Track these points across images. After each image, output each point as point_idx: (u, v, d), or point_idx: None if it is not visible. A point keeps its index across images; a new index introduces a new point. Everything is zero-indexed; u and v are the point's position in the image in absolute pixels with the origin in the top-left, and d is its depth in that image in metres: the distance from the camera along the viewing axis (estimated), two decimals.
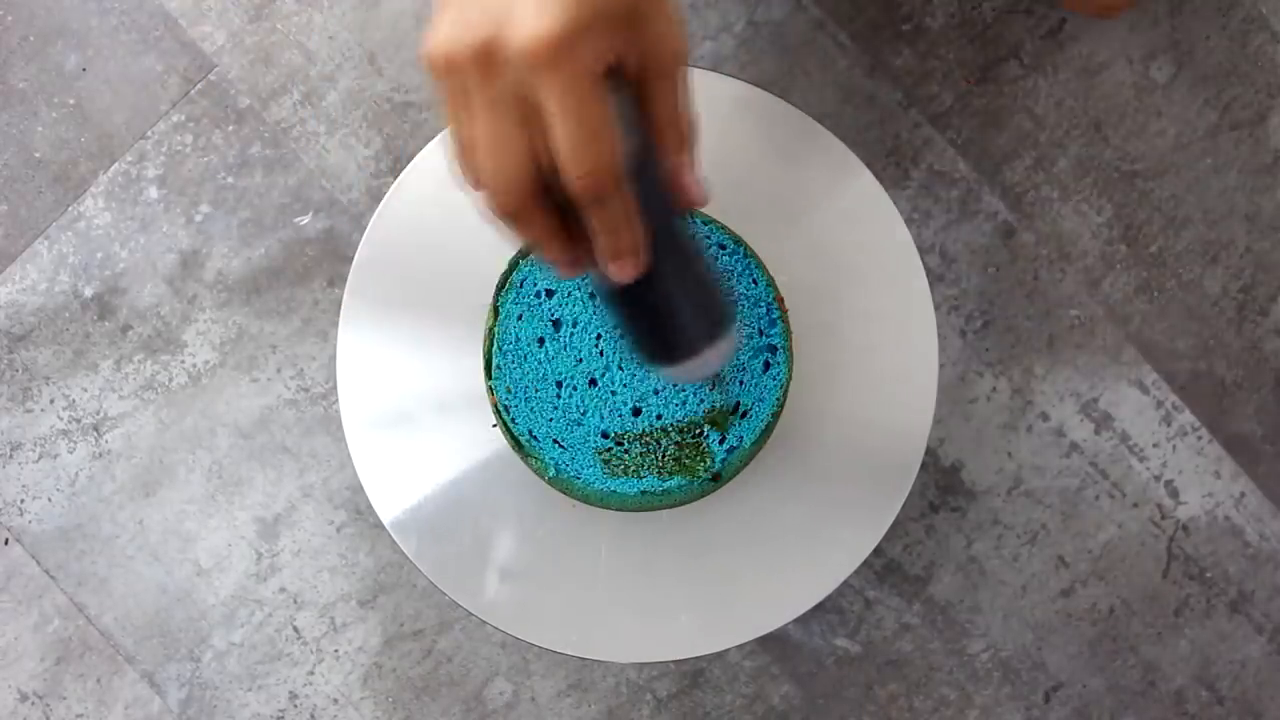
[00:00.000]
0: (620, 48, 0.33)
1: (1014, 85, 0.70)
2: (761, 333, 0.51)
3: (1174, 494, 0.71)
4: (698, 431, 0.51)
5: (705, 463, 0.51)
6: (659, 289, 0.37)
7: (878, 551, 0.70)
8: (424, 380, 0.53)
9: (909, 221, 0.70)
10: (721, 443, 0.51)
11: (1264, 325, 0.71)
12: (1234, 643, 0.71)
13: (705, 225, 0.50)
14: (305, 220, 0.71)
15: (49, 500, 0.71)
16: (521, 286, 0.50)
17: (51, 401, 0.71)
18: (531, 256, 0.50)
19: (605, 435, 0.51)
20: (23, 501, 0.71)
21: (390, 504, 0.52)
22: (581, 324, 0.50)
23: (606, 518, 0.52)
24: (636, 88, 0.35)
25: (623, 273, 0.36)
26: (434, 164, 0.52)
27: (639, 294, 0.37)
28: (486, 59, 0.31)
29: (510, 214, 0.34)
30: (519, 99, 0.32)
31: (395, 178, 0.51)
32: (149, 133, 0.71)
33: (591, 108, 0.31)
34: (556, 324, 0.51)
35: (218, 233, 0.71)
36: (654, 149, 0.36)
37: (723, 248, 0.50)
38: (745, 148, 0.52)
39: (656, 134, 0.36)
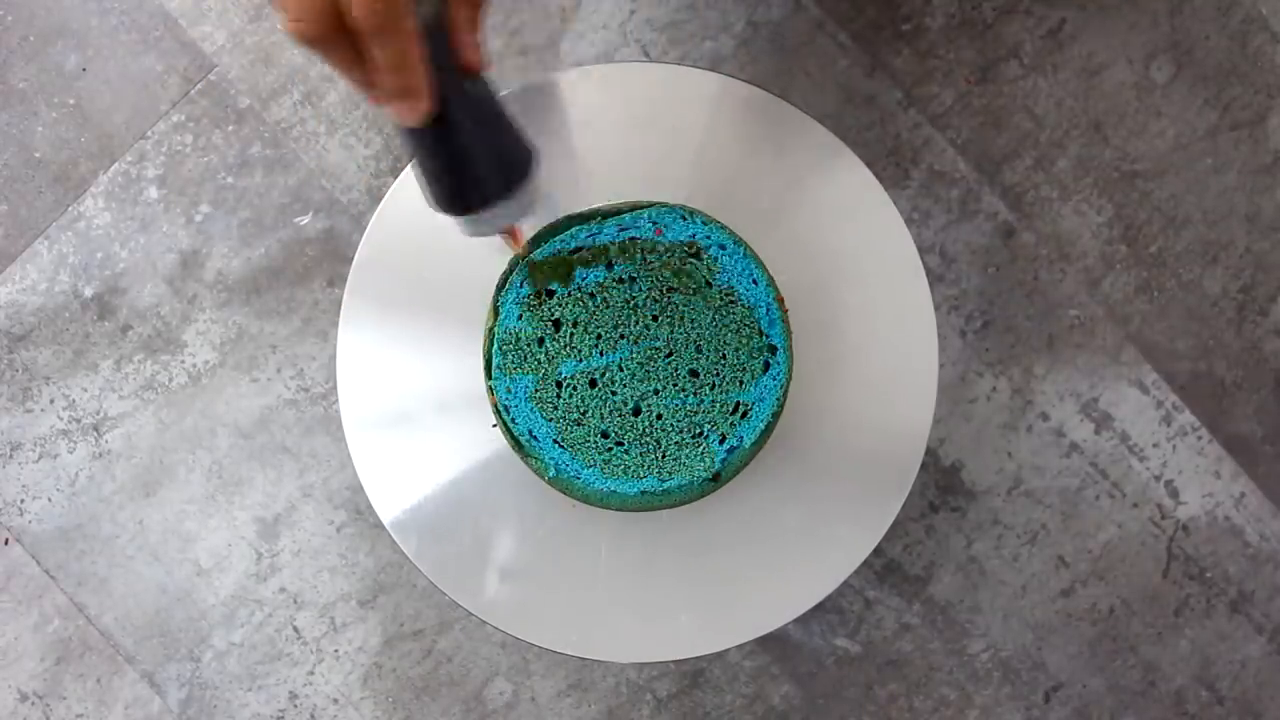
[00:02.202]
0: None
1: (1014, 85, 0.70)
2: (761, 333, 0.51)
3: (1174, 494, 0.71)
4: (698, 431, 0.51)
5: (705, 463, 0.51)
6: (452, 140, 0.37)
7: (878, 551, 0.70)
8: (424, 380, 0.53)
9: (909, 221, 0.70)
10: (721, 443, 0.51)
11: (1264, 325, 0.71)
12: (1234, 643, 0.71)
13: (705, 225, 0.50)
14: (305, 220, 0.71)
15: (49, 500, 0.71)
16: (521, 286, 0.50)
17: (51, 401, 0.71)
18: (532, 256, 0.50)
19: (605, 435, 0.51)
20: (23, 501, 0.71)
21: (390, 504, 0.52)
22: (581, 324, 0.50)
23: (606, 518, 0.52)
24: None
25: (405, 115, 0.36)
26: None
27: (433, 143, 0.38)
28: None
29: (309, 40, 0.34)
30: None
31: (395, 178, 0.51)
32: (149, 133, 0.71)
33: None
34: (556, 324, 0.51)
35: (218, 233, 0.71)
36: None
37: (723, 248, 0.50)
38: (745, 148, 0.52)
39: None
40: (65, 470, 0.71)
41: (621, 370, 0.51)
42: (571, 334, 0.50)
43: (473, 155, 0.39)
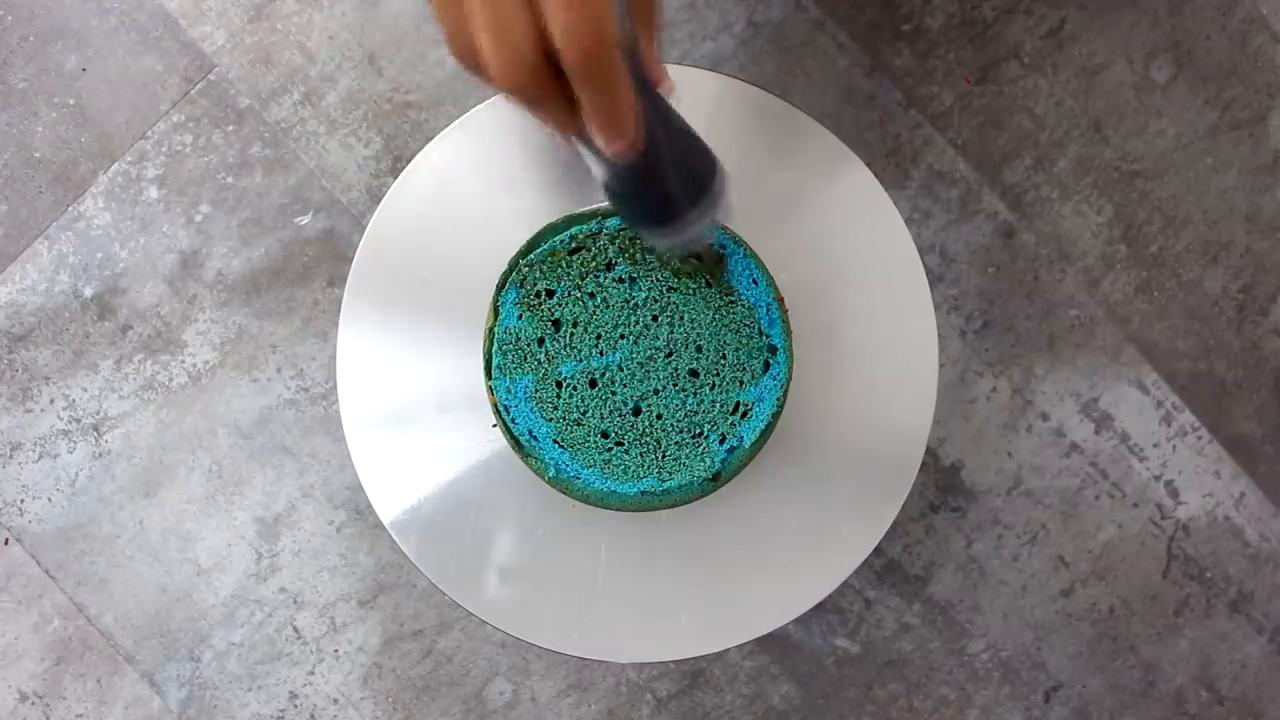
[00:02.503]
0: None
1: (1014, 85, 0.70)
2: (761, 333, 0.51)
3: (1174, 494, 0.71)
4: (698, 431, 0.51)
5: (705, 463, 0.51)
6: (652, 162, 0.38)
7: (878, 551, 0.70)
8: (424, 380, 0.53)
9: (909, 221, 0.70)
10: (721, 443, 0.51)
11: (1264, 325, 0.71)
12: (1234, 643, 0.71)
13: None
14: (305, 220, 0.71)
15: (49, 500, 0.71)
16: (521, 286, 0.50)
17: (51, 401, 0.71)
18: (531, 256, 0.51)
19: (605, 435, 0.51)
20: (23, 501, 0.71)
21: (390, 504, 0.52)
22: (581, 324, 0.50)
23: (606, 518, 0.52)
24: None
25: (618, 149, 0.36)
26: (434, 164, 0.52)
27: (636, 168, 0.38)
28: None
29: (517, 90, 0.33)
30: None
31: (395, 178, 0.51)
32: (149, 133, 0.71)
33: None
34: (556, 324, 0.51)
35: (218, 233, 0.71)
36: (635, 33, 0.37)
37: (723, 248, 0.50)
38: (745, 148, 0.52)
39: (639, 19, 0.36)
40: (65, 470, 0.71)
41: (621, 370, 0.51)
42: (571, 334, 0.50)
43: (670, 173, 0.40)
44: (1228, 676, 0.71)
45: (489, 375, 0.51)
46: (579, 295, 0.51)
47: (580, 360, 0.51)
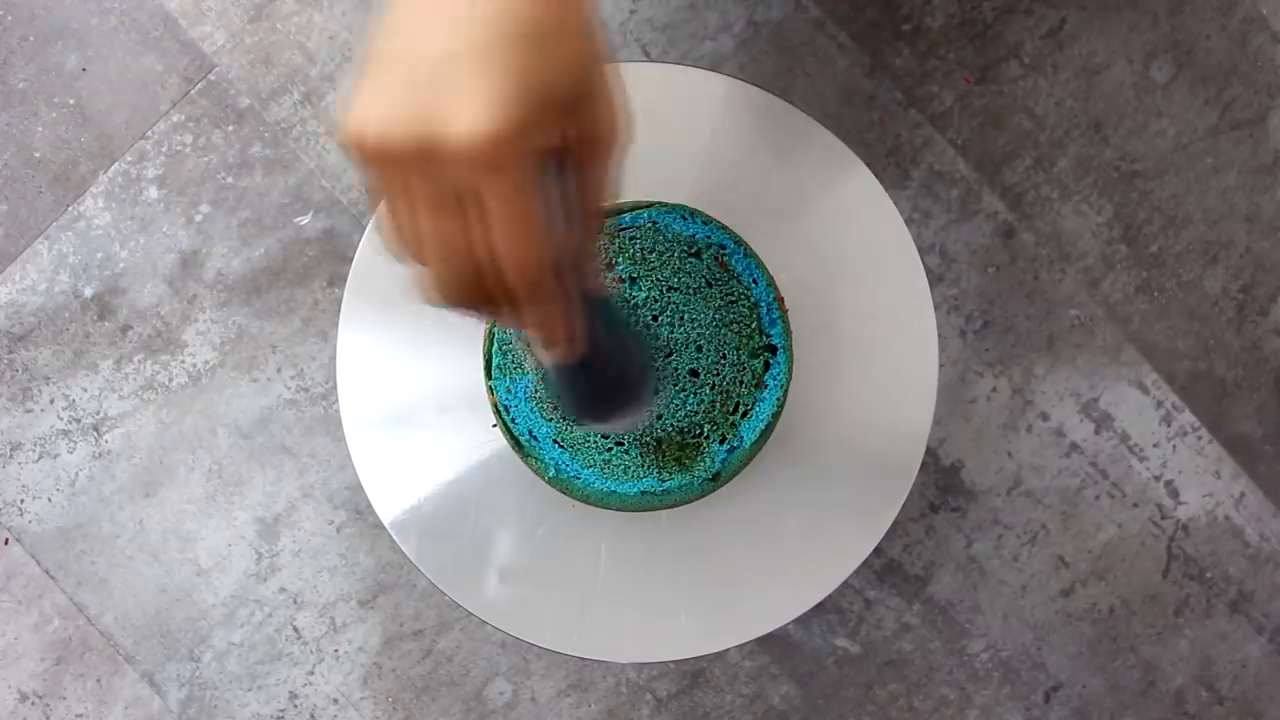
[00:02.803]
0: (559, 134, 0.32)
1: (1014, 85, 0.70)
2: (762, 333, 0.51)
3: (1174, 494, 0.71)
4: (698, 431, 0.51)
5: (705, 463, 0.51)
6: (590, 365, 0.39)
7: (878, 551, 0.70)
8: (424, 380, 0.53)
9: (909, 221, 0.70)
10: (722, 443, 0.51)
11: (1264, 325, 0.71)
12: (1234, 643, 0.71)
13: (706, 225, 0.50)
14: (305, 220, 0.71)
15: (49, 500, 0.71)
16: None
17: (51, 401, 0.71)
18: None
19: (605, 435, 0.51)
20: (23, 501, 0.71)
21: (390, 504, 0.52)
22: None
23: (606, 518, 0.52)
24: (571, 167, 0.34)
25: (559, 358, 0.37)
26: None
27: (574, 370, 0.39)
28: (424, 155, 0.29)
29: (458, 302, 0.34)
30: (458, 193, 0.30)
31: None
32: (149, 133, 0.71)
33: (527, 203, 0.30)
34: None
35: (218, 233, 0.71)
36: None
37: (723, 248, 0.50)
38: (745, 148, 0.52)
39: (581, 213, 0.36)
40: (65, 470, 0.71)
41: None
42: None
43: (608, 374, 0.41)
44: (1228, 676, 0.71)
45: (489, 375, 0.51)
46: None
47: None
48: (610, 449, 0.51)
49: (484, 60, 0.29)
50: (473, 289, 0.33)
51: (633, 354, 0.42)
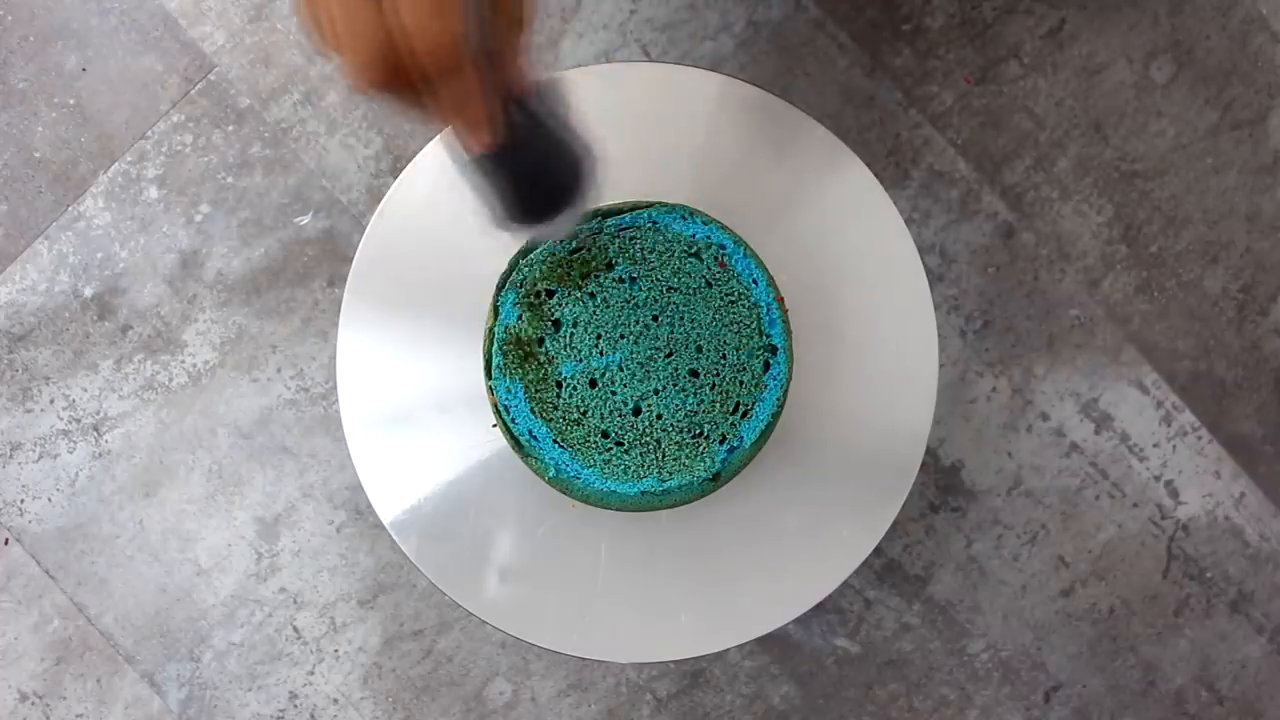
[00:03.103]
0: None
1: (1014, 85, 0.70)
2: (762, 333, 0.51)
3: (1174, 494, 0.71)
4: (698, 431, 0.51)
5: (705, 463, 0.51)
6: (514, 160, 0.38)
7: (878, 551, 0.70)
8: (424, 380, 0.53)
9: (909, 221, 0.70)
10: (721, 443, 0.51)
11: (1264, 325, 0.71)
12: (1234, 643, 0.71)
13: (706, 225, 0.50)
14: (305, 220, 0.71)
15: (49, 500, 0.71)
16: (521, 286, 0.50)
17: (51, 401, 0.71)
18: (531, 256, 0.51)
19: (605, 435, 0.51)
20: (23, 501, 0.71)
21: (390, 504, 0.52)
22: (581, 324, 0.50)
23: (606, 518, 0.52)
24: None
25: (474, 145, 0.36)
26: (434, 164, 0.52)
27: (496, 165, 0.38)
28: None
29: (372, 85, 0.33)
30: None
31: (395, 178, 0.51)
32: (149, 133, 0.71)
33: None
34: (556, 324, 0.51)
35: (218, 233, 0.71)
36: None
37: (723, 248, 0.50)
38: (745, 148, 0.52)
39: (501, 16, 0.35)
40: (65, 470, 0.71)
41: (621, 370, 0.51)
42: (571, 334, 0.50)
43: (535, 171, 0.40)
44: (1228, 676, 0.71)
45: (489, 375, 0.51)
46: (579, 295, 0.51)
47: (580, 360, 0.51)
48: (610, 449, 0.51)
49: None
50: (385, 70, 0.33)
51: (563, 149, 0.41)
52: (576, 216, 0.43)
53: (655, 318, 0.51)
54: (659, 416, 0.51)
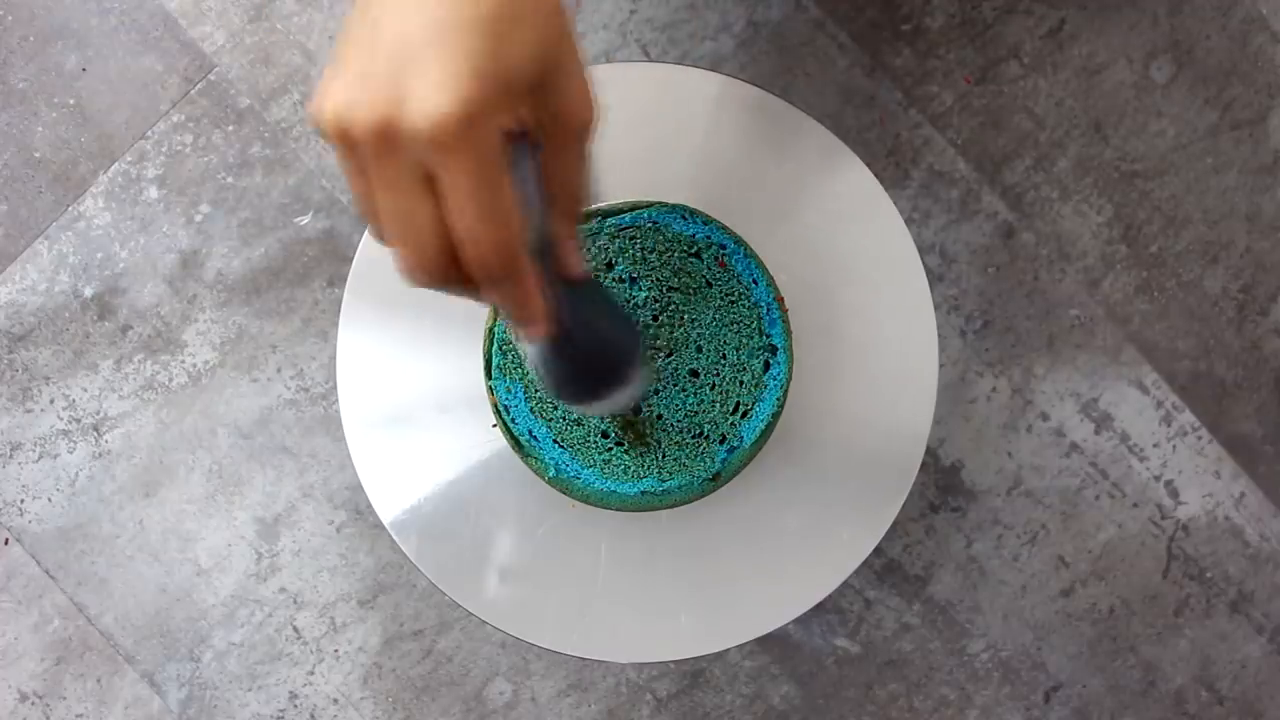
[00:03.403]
0: (525, 115, 0.32)
1: (1014, 85, 0.70)
2: (762, 333, 0.51)
3: (1174, 494, 0.71)
4: (698, 431, 0.51)
5: (705, 463, 0.51)
6: (569, 345, 0.39)
7: (878, 551, 0.70)
8: (424, 380, 0.53)
9: (909, 221, 0.70)
10: (721, 443, 0.51)
11: (1264, 325, 0.71)
12: (1234, 643, 0.71)
13: (706, 225, 0.50)
14: (305, 220, 0.71)
15: (49, 500, 0.71)
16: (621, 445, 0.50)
17: (51, 401, 0.71)
18: None
19: (605, 435, 0.51)
20: (23, 501, 0.71)
21: (390, 504, 0.52)
22: None
23: (606, 518, 0.52)
24: (540, 152, 0.34)
25: (531, 338, 0.36)
26: None
27: (552, 351, 0.39)
28: (383, 136, 0.30)
29: (426, 283, 0.33)
30: (419, 174, 0.30)
31: None
32: (149, 133, 0.71)
33: (489, 189, 0.30)
34: None
35: (218, 233, 0.71)
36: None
37: (723, 248, 0.50)
38: (745, 148, 0.52)
39: (552, 197, 0.35)
40: (65, 470, 0.71)
41: None
42: None
43: (589, 354, 0.40)
44: (1228, 676, 0.71)
45: (489, 375, 0.51)
46: None
47: None
48: (610, 449, 0.51)
49: (444, 41, 0.29)
50: (438, 270, 0.32)
51: (618, 337, 0.42)
52: (635, 393, 0.44)
53: (655, 318, 0.51)
54: (659, 416, 0.51)
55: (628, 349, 0.42)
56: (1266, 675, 0.71)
